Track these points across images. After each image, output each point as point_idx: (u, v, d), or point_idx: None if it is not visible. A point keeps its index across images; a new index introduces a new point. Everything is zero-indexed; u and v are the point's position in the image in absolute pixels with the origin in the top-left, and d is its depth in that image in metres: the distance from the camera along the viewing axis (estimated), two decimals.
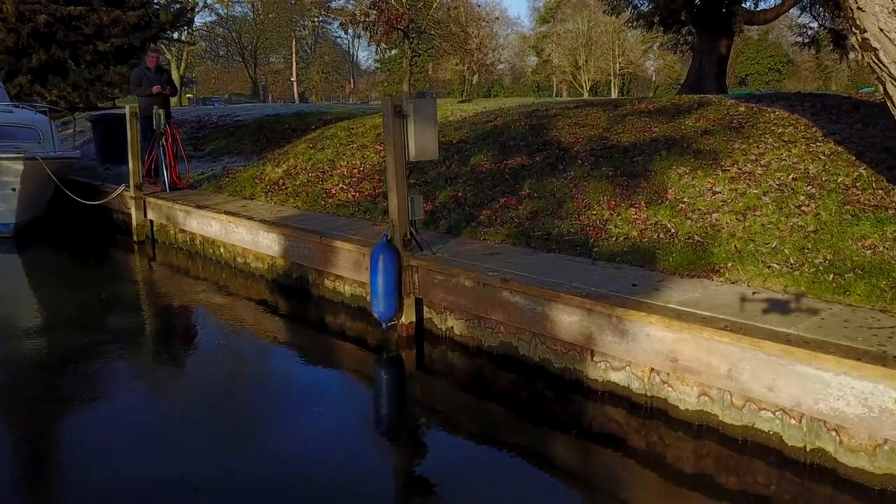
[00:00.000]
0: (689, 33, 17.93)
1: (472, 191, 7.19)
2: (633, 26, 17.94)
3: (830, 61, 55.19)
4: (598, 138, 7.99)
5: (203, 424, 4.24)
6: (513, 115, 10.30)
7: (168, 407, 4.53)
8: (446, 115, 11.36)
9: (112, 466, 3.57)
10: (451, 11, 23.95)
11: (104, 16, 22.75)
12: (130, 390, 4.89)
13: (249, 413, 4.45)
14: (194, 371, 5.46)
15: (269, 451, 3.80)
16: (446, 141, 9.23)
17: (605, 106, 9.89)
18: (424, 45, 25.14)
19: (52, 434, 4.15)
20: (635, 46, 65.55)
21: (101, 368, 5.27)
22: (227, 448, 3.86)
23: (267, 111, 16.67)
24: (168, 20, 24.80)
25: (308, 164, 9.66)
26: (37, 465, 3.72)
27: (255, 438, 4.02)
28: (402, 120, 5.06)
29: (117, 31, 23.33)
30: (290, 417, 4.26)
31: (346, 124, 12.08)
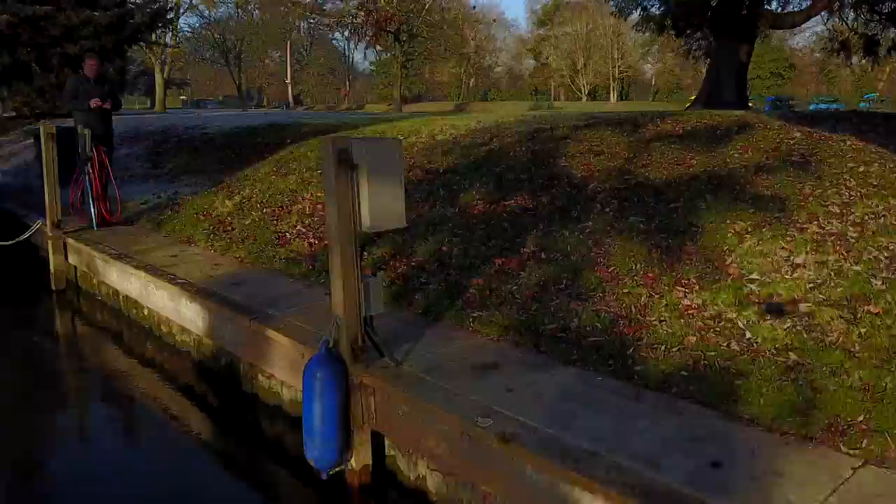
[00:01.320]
0: (703, 38, 16.27)
1: (460, 244, 5.47)
2: (642, 30, 16.27)
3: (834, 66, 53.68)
4: (619, 172, 6.28)
5: None
6: (511, 135, 8.59)
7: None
8: (434, 134, 9.66)
9: None
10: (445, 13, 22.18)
11: (73, 16, 20.99)
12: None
13: None
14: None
15: None
16: (432, 168, 7.54)
17: (623, 126, 8.19)
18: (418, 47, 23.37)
19: None
20: (634, 50, 63.95)
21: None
22: None
23: (240, 122, 14.93)
24: (144, 21, 23.01)
25: (266, 195, 7.93)
26: None
27: None
28: (350, 173, 3.35)
29: (88, 32, 21.53)
30: None
31: (319, 143, 10.35)
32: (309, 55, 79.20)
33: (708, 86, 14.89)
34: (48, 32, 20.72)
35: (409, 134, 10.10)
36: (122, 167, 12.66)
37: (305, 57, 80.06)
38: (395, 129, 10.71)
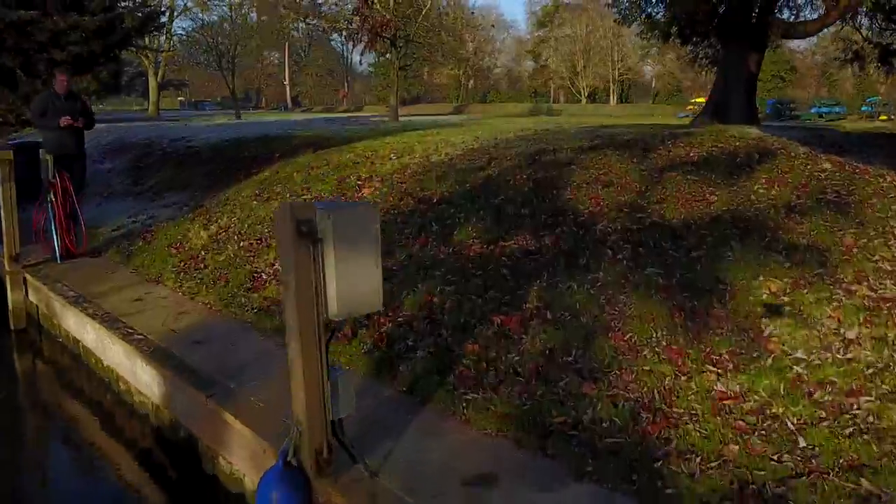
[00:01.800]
0: (709, 45, 15.61)
1: (453, 294, 4.81)
2: (646, 38, 15.60)
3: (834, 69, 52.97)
4: (630, 209, 5.62)
5: None
6: (511, 157, 7.94)
7: None
8: (429, 153, 9.00)
9: None
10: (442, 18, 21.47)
11: (60, 21, 20.30)
12: None
13: None
14: None
15: None
16: (425, 197, 6.88)
17: (631, 149, 7.54)
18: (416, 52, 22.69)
19: None
20: (633, 52, 63.27)
21: None
22: None
23: (227, 134, 14.26)
24: (135, 25, 22.30)
25: (244, 224, 7.28)
26: None
27: None
28: (313, 248, 2.69)
29: (76, 37, 20.82)
30: None
31: (308, 160, 9.71)
32: (307, 56, 78.53)
33: (716, 96, 14.23)
34: (34, 38, 19.98)
35: (402, 152, 9.44)
36: (102, 183, 12.03)
37: (304, 58, 79.36)
38: (387, 146, 10.05)
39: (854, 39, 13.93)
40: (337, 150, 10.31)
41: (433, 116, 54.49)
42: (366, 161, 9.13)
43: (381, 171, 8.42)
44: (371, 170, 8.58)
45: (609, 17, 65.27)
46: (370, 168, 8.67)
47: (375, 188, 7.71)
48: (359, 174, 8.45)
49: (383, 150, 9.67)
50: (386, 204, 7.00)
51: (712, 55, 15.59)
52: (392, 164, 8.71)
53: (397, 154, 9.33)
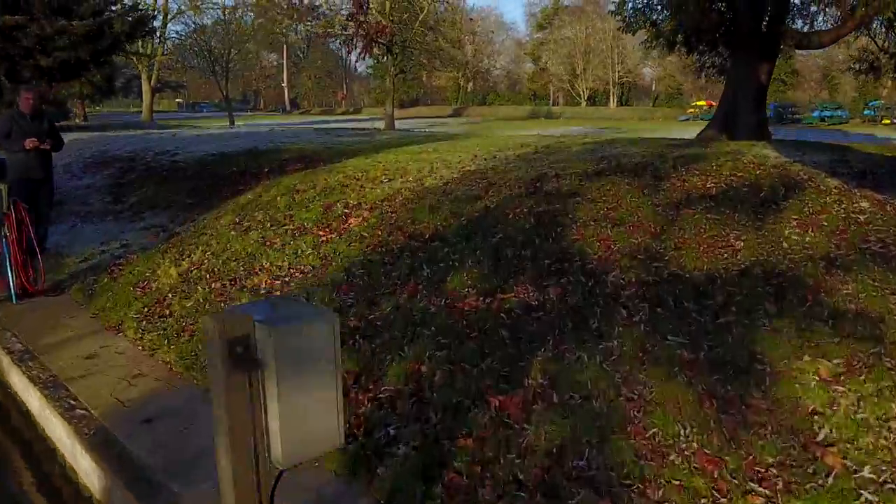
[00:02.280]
0: (716, 55, 14.94)
1: (444, 362, 4.15)
2: (650, 46, 14.94)
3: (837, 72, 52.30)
4: (645, 255, 4.96)
5: None
6: (510, 183, 7.29)
7: None
8: (422, 176, 8.35)
9: None
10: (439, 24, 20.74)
11: (47, 26, 19.61)
12: None
13: None
14: None
15: None
16: (416, 232, 6.22)
17: (641, 175, 6.88)
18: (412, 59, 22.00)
19: None
20: (633, 54, 62.60)
21: None
22: None
23: (213, 147, 13.58)
24: (124, 30, 21.62)
25: (219, 259, 6.62)
26: None
27: None
28: (250, 375, 2.02)
29: (63, 43, 20.14)
30: None
31: (294, 181, 9.05)
32: (306, 58, 77.85)
33: (724, 107, 13.56)
34: (20, 43, 19.35)
35: (394, 173, 8.79)
36: (80, 201, 11.37)
37: (303, 59, 78.67)
38: (379, 166, 9.39)
39: (870, 49, 13.28)
40: (325, 169, 9.65)
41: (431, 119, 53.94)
42: (355, 184, 8.47)
43: (370, 198, 7.76)
44: (360, 195, 7.92)
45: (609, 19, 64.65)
46: (359, 193, 8.01)
47: (363, 218, 7.05)
48: (346, 200, 7.79)
49: (374, 171, 9.01)
50: (373, 239, 6.33)
51: (719, 64, 14.93)
52: (383, 188, 8.05)
53: (389, 176, 8.68)
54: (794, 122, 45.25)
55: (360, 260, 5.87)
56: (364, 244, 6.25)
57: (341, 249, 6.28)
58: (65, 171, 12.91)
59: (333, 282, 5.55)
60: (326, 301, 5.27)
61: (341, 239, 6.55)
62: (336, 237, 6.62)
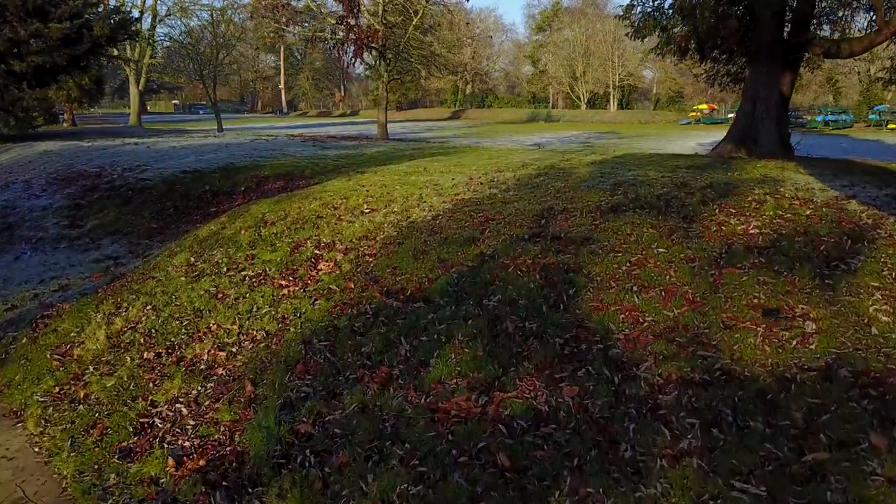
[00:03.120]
0: (732, 63, 13.78)
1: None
2: (660, 53, 13.77)
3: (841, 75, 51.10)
4: (686, 337, 3.79)
5: None
6: (511, 218, 6.14)
7: None
8: (409, 207, 7.19)
9: None
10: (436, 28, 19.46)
11: (20, 29, 18.42)
12: None
13: None
14: None
15: None
16: (395, 290, 5.06)
17: (665, 215, 5.72)
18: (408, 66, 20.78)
19: None
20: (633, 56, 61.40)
21: None
22: None
23: (188, 162, 12.39)
24: (104, 34, 20.41)
25: (160, 316, 5.44)
26: None
27: None
28: None
29: (38, 46, 18.96)
30: None
31: (264, 210, 7.87)
32: (304, 59, 76.62)
33: (742, 121, 12.40)
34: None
35: (377, 201, 7.63)
36: (34, 225, 10.18)
37: (300, 61, 77.40)
38: (361, 191, 8.21)
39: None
40: (301, 194, 8.47)
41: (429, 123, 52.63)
42: (331, 215, 7.30)
43: (346, 235, 6.59)
44: (335, 231, 6.75)
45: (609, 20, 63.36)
46: (334, 228, 6.84)
47: (335, 263, 5.88)
48: (319, 237, 6.62)
49: (356, 198, 7.84)
50: (344, 295, 5.16)
51: (735, 73, 13.75)
52: (362, 222, 6.88)
53: (371, 205, 7.51)
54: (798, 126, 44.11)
55: (324, 325, 4.70)
56: (332, 302, 5.08)
57: (304, 308, 5.10)
58: (24, 189, 11.74)
59: (288, 358, 4.38)
60: (277, 387, 4.10)
61: (306, 293, 5.38)
62: (300, 290, 5.45)
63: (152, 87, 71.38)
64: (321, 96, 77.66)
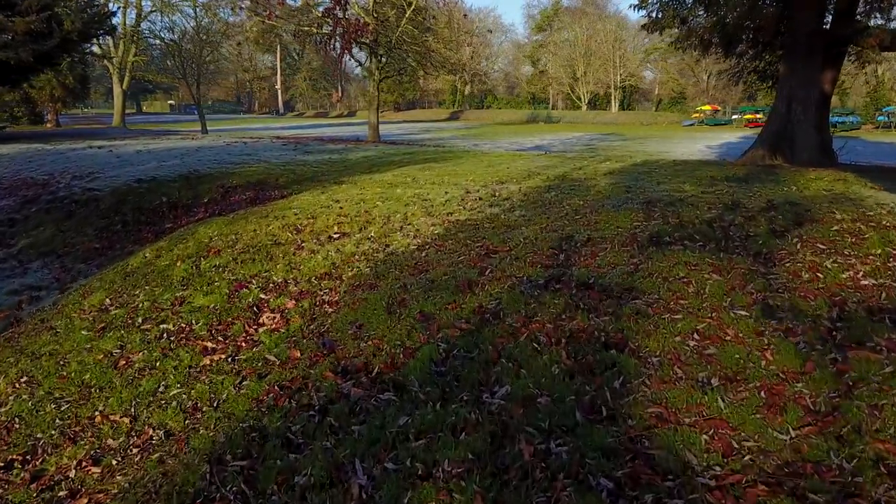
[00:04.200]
0: (758, 58, 12.20)
1: None
2: (680, 47, 12.20)
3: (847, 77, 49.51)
4: (825, 495, 2.20)
5: None
6: (519, 256, 4.58)
7: None
8: (389, 233, 5.63)
9: None
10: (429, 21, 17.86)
11: None
12: None
13: None
14: None
15: None
16: (354, 362, 3.52)
17: (725, 246, 4.19)
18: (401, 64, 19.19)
19: None
20: (633, 56, 59.81)
21: None
22: None
23: (148, 169, 10.79)
24: (76, 28, 18.76)
25: (32, 398, 3.85)
26: None
27: None
28: None
29: (1, 41, 17.38)
30: None
31: (212, 232, 6.30)
32: (301, 59, 74.97)
33: (775, 123, 10.83)
34: None
35: (351, 221, 6.07)
36: None
37: (297, 61, 75.72)
38: (335, 207, 6.65)
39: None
40: (261, 212, 6.89)
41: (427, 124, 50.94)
42: (292, 241, 5.73)
43: (305, 270, 5.02)
44: (292, 264, 5.18)
45: (610, 20, 61.72)
46: (291, 261, 5.27)
47: (282, 317, 4.31)
48: (270, 275, 5.05)
49: (325, 218, 6.28)
50: (284, 373, 3.59)
51: (763, 69, 12.17)
52: (327, 252, 5.32)
53: (343, 227, 5.94)
54: None
55: (246, 428, 3.12)
56: (264, 384, 3.50)
57: (226, 392, 3.53)
58: None
59: (183, 491, 2.80)
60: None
61: (234, 365, 3.80)
62: (227, 359, 3.88)
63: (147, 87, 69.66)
64: (319, 97, 75.99)
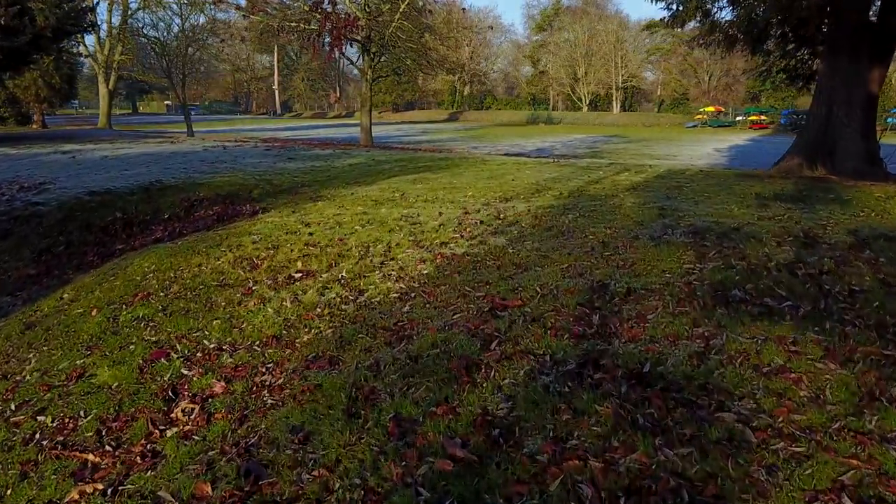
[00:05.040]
0: (787, 55, 10.92)
1: None
2: (703, 44, 10.92)
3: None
4: None
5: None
6: (541, 318, 3.30)
7: None
8: (367, 269, 4.39)
9: None
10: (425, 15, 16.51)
11: None
12: None
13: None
14: None
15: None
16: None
17: (828, 309, 2.87)
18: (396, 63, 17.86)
19: None
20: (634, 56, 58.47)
21: None
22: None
23: (101, 181, 9.48)
24: (50, 24, 17.45)
25: None
26: None
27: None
28: None
29: None
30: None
31: (143, 270, 5.01)
32: (299, 59, 73.59)
33: (814, 129, 9.57)
34: None
35: (321, 256, 4.78)
36: None
37: (295, 61, 74.37)
38: (304, 234, 5.35)
39: None
40: (213, 240, 5.59)
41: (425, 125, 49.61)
42: (244, 279, 4.46)
43: (250, 330, 3.73)
44: (234, 319, 3.89)
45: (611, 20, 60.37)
46: (235, 312, 3.98)
47: (201, 415, 3.01)
48: (202, 335, 3.75)
49: (288, 249, 4.99)
50: None
51: (794, 68, 10.89)
52: (283, 301, 4.03)
53: (308, 263, 4.65)
54: None
55: None
56: None
57: None
58: None
59: None
60: None
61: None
62: (104, 496, 2.57)
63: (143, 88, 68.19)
64: (317, 97, 74.63)
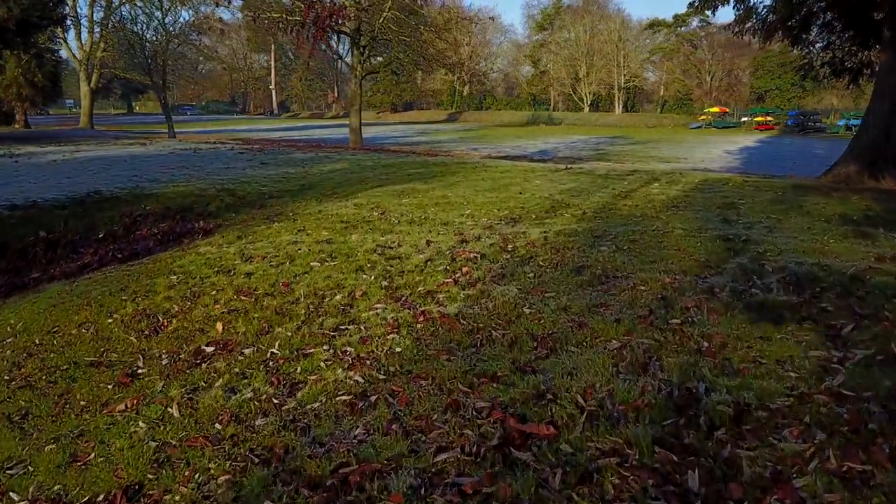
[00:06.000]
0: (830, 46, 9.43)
1: None
2: (737, 32, 9.42)
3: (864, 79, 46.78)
4: None
5: None
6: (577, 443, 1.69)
7: None
8: (309, 341, 2.77)
9: None
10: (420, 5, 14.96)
11: None
12: None
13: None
14: None
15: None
16: None
17: None
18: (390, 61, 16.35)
19: None
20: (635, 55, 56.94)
21: None
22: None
23: (29, 191, 7.94)
24: (14, 16, 15.94)
25: None
26: None
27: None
28: None
29: None
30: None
31: (13, 322, 3.47)
32: (296, 59, 72.08)
33: (872, 131, 8.10)
34: None
35: (254, 312, 3.24)
36: None
37: (293, 60, 72.88)
38: (239, 275, 3.84)
39: None
40: (120, 279, 4.09)
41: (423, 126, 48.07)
42: (136, 351, 2.96)
43: (98, 471, 2.22)
44: (83, 445, 2.38)
45: (613, 19, 58.86)
46: (94, 424, 2.47)
47: None
48: (22, 477, 2.24)
49: (214, 297, 3.51)
50: None
51: (839, 61, 9.39)
52: (177, 399, 2.51)
53: (233, 324, 3.15)
54: (817, 130, 39.86)
55: None
56: None
57: None
58: None
59: None
60: None
61: None
62: None
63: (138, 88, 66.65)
64: (314, 97, 73.07)
